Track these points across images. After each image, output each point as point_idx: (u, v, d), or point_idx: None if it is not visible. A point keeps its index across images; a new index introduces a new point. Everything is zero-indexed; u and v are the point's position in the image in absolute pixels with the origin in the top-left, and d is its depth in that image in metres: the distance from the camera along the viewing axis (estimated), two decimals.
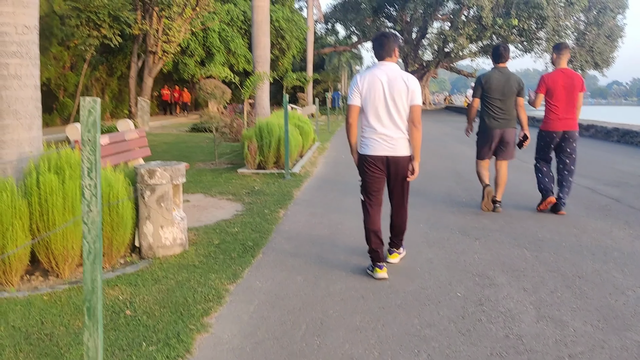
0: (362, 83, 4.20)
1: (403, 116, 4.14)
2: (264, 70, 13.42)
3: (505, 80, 6.28)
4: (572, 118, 6.36)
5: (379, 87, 4.13)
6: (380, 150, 4.17)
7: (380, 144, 4.16)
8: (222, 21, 26.82)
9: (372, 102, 4.15)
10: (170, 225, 4.74)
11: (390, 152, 4.16)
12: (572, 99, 6.31)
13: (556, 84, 6.32)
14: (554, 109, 6.38)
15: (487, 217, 6.15)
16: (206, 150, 13.13)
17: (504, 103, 6.31)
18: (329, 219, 6.13)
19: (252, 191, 7.87)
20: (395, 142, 4.15)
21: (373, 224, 4.32)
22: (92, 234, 2.45)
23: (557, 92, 6.31)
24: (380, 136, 4.15)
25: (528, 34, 34.25)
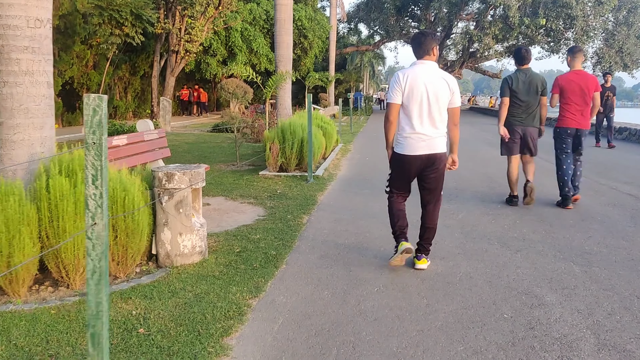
0: (404, 81, 4.16)
1: (443, 116, 4.18)
2: (286, 70, 13.13)
3: (529, 82, 6.61)
4: (585, 117, 6.69)
5: (422, 87, 4.12)
6: (419, 150, 4.18)
7: (419, 143, 4.17)
8: (245, 20, 26.60)
9: (414, 101, 4.14)
10: (189, 232, 4.43)
11: (428, 150, 4.18)
12: (586, 99, 6.64)
13: (570, 84, 6.66)
14: (568, 108, 6.73)
15: (526, 226, 5.74)
16: (227, 151, 12.86)
17: (527, 103, 6.63)
18: (356, 226, 5.78)
19: (274, 195, 7.55)
20: (433, 140, 4.18)
21: (399, 206, 4.47)
22: (96, 251, 2.14)
23: (571, 93, 6.66)
24: (419, 135, 4.16)
25: (556, 34, 33.44)
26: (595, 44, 35.25)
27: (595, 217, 6.17)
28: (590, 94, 6.62)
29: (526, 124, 6.68)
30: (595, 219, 6.08)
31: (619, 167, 10.40)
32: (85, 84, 22.03)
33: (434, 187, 4.33)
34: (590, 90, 6.61)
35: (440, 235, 5.35)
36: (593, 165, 10.53)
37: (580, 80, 6.63)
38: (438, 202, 4.44)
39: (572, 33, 33.39)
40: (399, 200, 4.48)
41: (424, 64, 4.20)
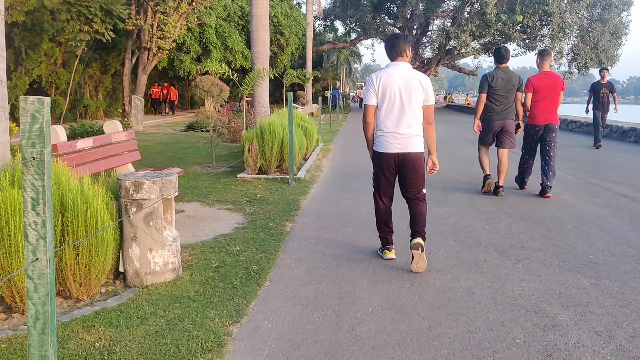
0: (378, 83, 4.32)
1: (417, 115, 4.31)
2: (263, 67, 12.67)
3: (507, 79, 7.25)
4: (553, 113, 7.34)
5: (395, 87, 4.27)
6: (394, 148, 4.32)
7: (393, 142, 4.31)
8: (219, 17, 26.02)
9: (388, 102, 4.30)
10: (160, 247, 3.99)
11: (403, 149, 4.31)
12: (555, 97, 7.31)
13: (541, 84, 7.31)
14: (538, 106, 7.32)
15: (523, 231, 5.41)
16: (203, 152, 12.35)
17: (506, 98, 7.26)
18: (343, 235, 5.38)
19: (254, 199, 7.12)
20: (408, 139, 4.29)
21: (384, 215, 4.61)
22: (39, 293, 1.71)
23: (542, 92, 7.29)
24: (393, 134, 4.30)
25: (532, 31, 33.46)
26: (570, 41, 35.40)
27: (593, 220, 5.88)
28: (558, 93, 7.34)
29: (505, 117, 7.32)
30: (594, 222, 5.78)
31: (609, 165, 10.20)
32: (54, 83, 21.22)
33: (413, 186, 4.45)
34: (558, 89, 7.33)
35: (434, 243, 4.99)
36: (581, 165, 10.32)
37: (550, 80, 7.34)
38: (422, 200, 4.52)
39: (549, 30, 33.49)
40: (384, 201, 4.60)
41: (398, 65, 4.36)
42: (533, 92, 7.31)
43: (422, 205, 4.49)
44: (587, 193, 7.41)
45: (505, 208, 6.51)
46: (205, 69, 12.26)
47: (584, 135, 17.37)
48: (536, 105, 7.32)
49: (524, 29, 34.13)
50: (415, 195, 4.47)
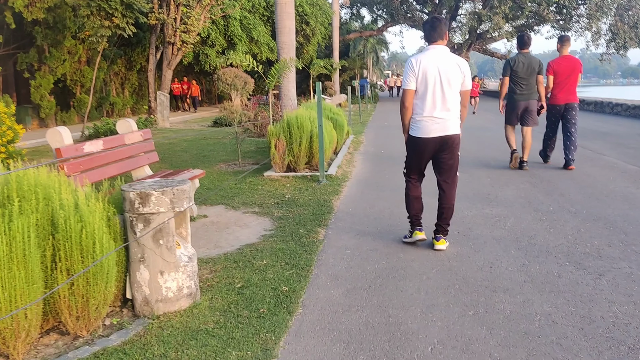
0: (417, 67, 4.25)
1: (455, 98, 4.28)
2: (289, 57, 11.99)
3: (528, 63, 7.88)
4: (572, 93, 8.04)
5: (434, 71, 4.22)
6: (434, 132, 4.28)
7: (433, 125, 4.27)
8: (244, 8, 25.41)
9: (428, 86, 4.24)
10: (173, 269, 3.36)
11: (443, 132, 4.28)
12: (574, 79, 8.01)
13: (560, 67, 8.00)
14: (559, 87, 8.01)
15: (595, 235, 4.64)
16: (229, 148, 11.77)
17: (527, 81, 7.90)
18: (385, 244, 4.69)
19: (282, 201, 6.47)
20: (447, 123, 4.27)
21: (415, 192, 4.61)
22: None
23: (561, 74, 7.97)
24: (433, 119, 4.26)
25: (568, 11, 32.02)
26: (608, 20, 33.81)
27: None
28: (577, 75, 8.02)
29: (527, 98, 7.97)
30: None
31: None
32: (78, 81, 20.92)
33: (448, 168, 4.43)
34: (577, 71, 8.00)
35: (494, 254, 4.26)
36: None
37: (569, 64, 8.01)
38: (454, 183, 4.51)
39: (586, 9, 31.99)
40: (415, 184, 4.61)
41: (436, 49, 4.30)
42: (553, 75, 8.00)
43: (453, 192, 4.51)
44: None
45: (567, 206, 5.72)
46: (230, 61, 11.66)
47: (631, 118, 16.26)
48: (556, 87, 8.02)
49: (559, 9, 32.73)
50: (451, 179, 4.47)
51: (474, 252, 4.36)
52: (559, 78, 7.96)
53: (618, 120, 15.79)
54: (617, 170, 7.68)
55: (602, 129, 13.33)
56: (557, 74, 7.97)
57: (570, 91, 7.98)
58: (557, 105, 8.04)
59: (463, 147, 11.18)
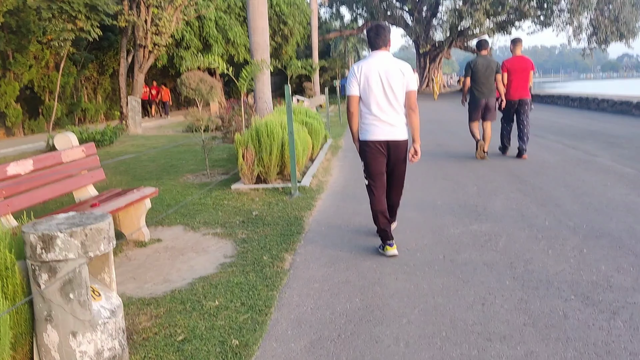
0: (359, 73, 4.37)
1: (400, 102, 4.38)
2: (262, 58, 11.32)
3: (487, 64, 8.62)
4: (525, 89, 8.78)
5: (376, 77, 4.32)
6: (381, 135, 4.38)
7: (380, 129, 4.37)
8: (219, 8, 24.64)
9: (371, 91, 4.34)
10: (89, 329, 2.68)
11: (390, 136, 4.38)
12: (526, 77, 8.75)
13: (513, 66, 8.77)
14: (512, 85, 8.76)
15: (602, 260, 4.02)
16: (199, 156, 11.04)
17: (487, 80, 8.64)
18: (359, 273, 4.04)
19: (249, 219, 5.80)
20: (394, 127, 4.37)
21: (380, 205, 4.50)
22: None
23: (514, 73, 8.73)
24: (380, 122, 4.36)
25: (549, 5, 31.67)
26: (589, 14, 33.55)
27: None
28: (529, 73, 8.76)
29: (487, 96, 8.72)
30: None
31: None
32: (47, 87, 20.02)
33: (398, 176, 4.58)
34: (528, 69, 8.76)
35: (486, 285, 3.63)
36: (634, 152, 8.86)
37: (521, 63, 8.78)
38: (400, 190, 4.71)
39: (567, 3, 31.67)
40: (379, 193, 4.51)
41: (378, 55, 4.40)
42: (507, 73, 8.74)
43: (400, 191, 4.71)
44: None
45: (565, 220, 5.12)
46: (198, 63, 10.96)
47: (619, 114, 15.80)
48: (510, 84, 8.76)
49: (540, 4, 32.40)
50: (399, 185, 4.62)
51: (462, 283, 3.73)
52: (512, 76, 8.72)
53: (605, 117, 15.30)
54: (614, 174, 7.11)
55: (591, 127, 12.81)
56: (510, 72, 8.74)
57: (522, 88, 8.76)
58: (512, 100, 8.81)
59: (447, 144, 10.68)
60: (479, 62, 8.62)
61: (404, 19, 41.20)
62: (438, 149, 10.45)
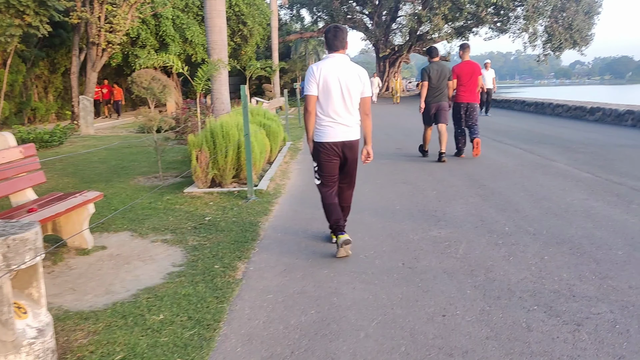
0: (318, 73, 4.34)
1: (355, 105, 4.41)
2: (219, 58, 11.02)
3: (440, 70, 8.96)
4: (473, 93, 9.22)
5: (335, 79, 4.32)
6: (337, 137, 4.40)
7: (336, 131, 4.38)
8: (176, 7, 24.12)
9: (329, 93, 4.33)
10: (12, 350, 2.40)
11: (345, 137, 4.41)
12: (474, 81, 9.17)
13: (462, 71, 9.15)
14: (461, 89, 9.18)
15: (564, 267, 3.93)
16: (152, 157, 10.67)
17: (439, 85, 8.98)
18: (316, 284, 3.83)
19: (201, 225, 5.53)
20: (349, 128, 4.41)
21: (331, 198, 4.57)
22: None
23: (463, 77, 9.13)
24: (336, 124, 4.37)
25: (506, 12, 32.26)
26: (544, 21, 34.32)
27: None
28: (477, 78, 9.18)
29: (439, 100, 9.04)
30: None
31: (620, 156, 8.85)
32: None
33: (350, 172, 4.61)
34: (477, 74, 9.17)
35: (447, 295, 3.48)
36: (590, 157, 8.95)
37: (469, 68, 9.16)
38: (352, 185, 4.74)
39: (523, 10, 32.30)
40: (330, 192, 4.58)
41: (336, 57, 4.39)
42: (457, 78, 9.14)
43: (351, 192, 4.77)
44: (616, 197, 6.00)
45: (524, 225, 5.04)
46: (152, 61, 10.57)
47: (573, 119, 16.10)
48: (460, 88, 9.19)
49: (497, 10, 32.96)
50: (350, 182, 4.67)
51: (422, 292, 3.57)
52: (461, 80, 9.14)
53: (561, 122, 15.56)
54: (571, 179, 7.12)
55: (547, 132, 12.98)
56: (459, 77, 9.15)
57: (471, 92, 9.19)
58: (461, 103, 9.24)
59: (406, 147, 10.60)
60: (433, 68, 8.94)
61: (364, 22, 41.34)
62: (398, 152, 10.37)
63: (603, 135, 11.89)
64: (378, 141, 12.07)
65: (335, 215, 4.49)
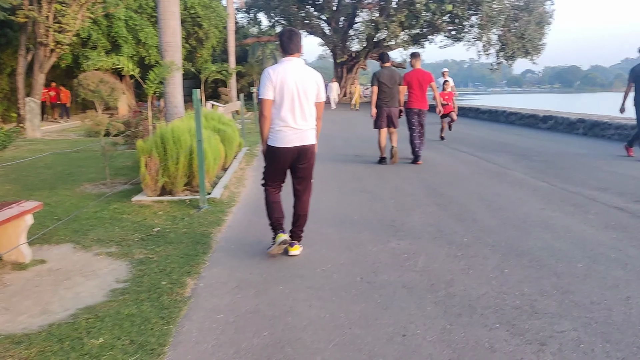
0: (275, 77, 4.29)
1: (311, 109, 4.40)
2: (171, 60, 10.69)
3: (391, 75, 9.19)
4: (424, 100, 9.60)
5: (292, 83, 4.29)
6: (291, 142, 4.34)
7: (292, 136, 4.33)
8: (129, 8, 23.51)
9: (285, 96, 4.29)
10: None
11: (300, 142, 4.36)
12: (424, 89, 9.52)
13: (413, 79, 9.46)
14: (412, 95, 9.54)
15: (525, 281, 3.83)
16: (102, 163, 10.21)
17: (390, 90, 9.16)
18: (270, 301, 3.62)
19: (149, 236, 5.24)
20: (304, 133, 4.37)
21: (274, 197, 4.60)
22: None
23: (414, 84, 9.45)
24: (291, 129, 4.32)
25: (461, 21, 32.74)
26: (498, 30, 35.02)
27: (605, 253, 4.42)
28: (427, 85, 9.53)
29: (390, 105, 9.25)
30: (608, 257, 4.31)
31: (575, 164, 8.96)
32: None
33: (305, 176, 4.54)
34: (427, 82, 9.51)
35: (407, 312, 3.33)
36: (544, 166, 9.02)
37: (420, 76, 9.49)
38: (309, 191, 4.64)
39: (477, 19, 32.88)
40: (275, 192, 4.62)
41: (292, 61, 4.37)
42: (408, 85, 9.45)
43: (308, 199, 4.63)
44: (573, 206, 6.00)
45: (483, 236, 4.96)
46: (100, 63, 10.15)
47: (527, 127, 16.36)
48: (411, 95, 9.53)
49: (452, 19, 33.43)
50: (307, 186, 4.59)
51: (381, 309, 3.41)
52: (412, 88, 9.45)
53: (514, 130, 15.79)
54: (527, 188, 7.13)
55: (501, 140, 13.11)
56: (410, 84, 9.44)
57: (421, 98, 9.53)
58: (413, 109, 9.55)
59: (365, 154, 10.49)
60: (384, 74, 9.15)
61: (322, 27, 41.31)
62: (356, 159, 10.25)
63: (556, 143, 12.08)
64: (336, 148, 11.95)
65: (276, 214, 4.56)
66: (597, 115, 14.54)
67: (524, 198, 6.50)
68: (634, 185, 7.08)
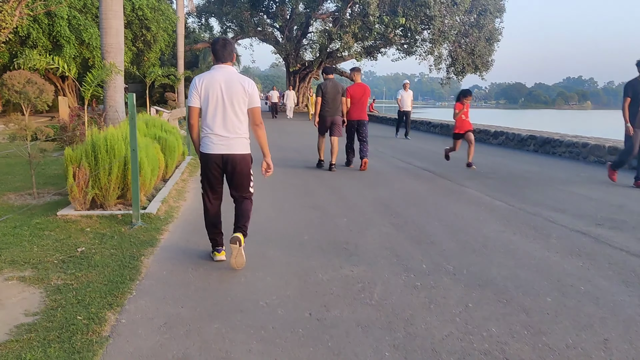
0: (200, 85, 4.31)
1: (240, 117, 4.34)
2: (111, 62, 10.00)
3: (333, 86, 9.84)
4: (363, 112, 10.28)
5: (217, 89, 4.29)
6: (217, 149, 4.33)
7: (216, 143, 4.32)
8: (73, 7, 22.42)
9: (210, 104, 4.30)
10: None
11: (226, 150, 4.33)
12: (364, 101, 10.26)
13: (354, 92, 10.12)
14: (353, 108, 10.14)
15: (492, 319, 3.43)
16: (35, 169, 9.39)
17: (333, 101, 9.82)
18: (203, 343, 3.09)
19: (71, 258, 4.61)
20: (230, 141, 4.32)
21: (214, 217, 4.60)
22: None
23: (355, 97, 10.09)
24: (216, 136, 4.32)
25: (413, 35, 32.93)
26: (449, 46, 35.42)
27: (574, 285, 4.09)
28: (367, 98, 10.29)
29: (333, 114, 9.90)
30: (577, 289, 3.98)
31: (528, 183, 8.76)
32: None
33: (239, 184, 4.46)
34: (366, 95, 10.26)
35: (360, 356, 2.87)
36: (500, 184, 8.78)
37: (360, 90, 10.18)
38: (248, 198, 4.55)
39: (429, 33, 33.15)
40: (212, 202, 4.57)
41: (223, 68, 4.36)
42: (350, 98, 10.04)
43: (247, 204, 4.54)
44: (533, 229, 5.70)
45: (443, 262, 4.57)
46: (33, 62, 9.35)
47: (478, 143, 16.30)
48: (351, 107, 10.14)
49: (405, 32, 33.58)
50: (242, 195, 4.51)
51: (332, 356, 2.94)
52: (353, 100, 10.07)
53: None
54: (485, 207, 6.83)
55: (454, 155, 12.90)
56: (351, 97, 10.06)
57: (361, 110, 10.21)
58: (352, 120, 10.19)
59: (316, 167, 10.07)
60: (328, 85, 9.81)
61: (275, 35, 40.88)
62: (308, 172, 9.80)
63: (509, 159, 11.97)
64: (287, 159, 11.47)
65: (213, 228, 4.59)
66: (547, 132, 14.60)
67: (482, 219, 6.19)
68: (592, 206, 6.89)
